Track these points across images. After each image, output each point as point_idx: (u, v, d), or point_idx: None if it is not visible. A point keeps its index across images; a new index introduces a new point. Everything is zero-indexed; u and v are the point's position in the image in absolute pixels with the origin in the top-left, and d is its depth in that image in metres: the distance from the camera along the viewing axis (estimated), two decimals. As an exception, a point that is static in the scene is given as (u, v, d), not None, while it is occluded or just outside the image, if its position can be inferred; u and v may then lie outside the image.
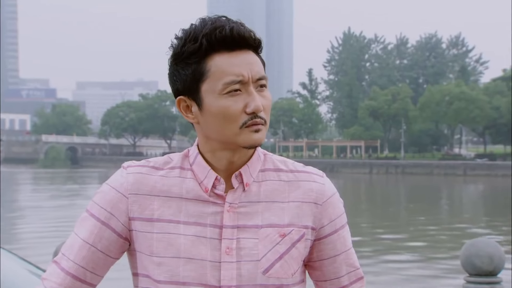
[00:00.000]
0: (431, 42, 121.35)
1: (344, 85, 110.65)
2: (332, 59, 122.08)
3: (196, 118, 1.51)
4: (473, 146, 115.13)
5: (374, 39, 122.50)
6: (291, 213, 1.53)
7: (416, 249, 19.75)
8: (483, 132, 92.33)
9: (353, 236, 1.73)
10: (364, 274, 1.64)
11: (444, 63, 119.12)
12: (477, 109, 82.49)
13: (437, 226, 26.40)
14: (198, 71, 1.47)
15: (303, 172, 1.59)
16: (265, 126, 1.49)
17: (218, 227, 1.50)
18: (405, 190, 56.18)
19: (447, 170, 76.20)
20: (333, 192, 1.59)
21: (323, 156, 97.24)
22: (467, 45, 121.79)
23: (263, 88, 1.49)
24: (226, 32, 1.44)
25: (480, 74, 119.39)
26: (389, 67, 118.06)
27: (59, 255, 1.55)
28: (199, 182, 1.52)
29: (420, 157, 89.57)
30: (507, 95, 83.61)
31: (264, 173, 1.56)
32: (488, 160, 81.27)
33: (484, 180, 66.64)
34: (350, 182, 64.96)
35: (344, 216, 1.61)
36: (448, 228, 25.81)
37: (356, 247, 1.73)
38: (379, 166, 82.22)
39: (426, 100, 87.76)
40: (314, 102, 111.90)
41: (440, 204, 41.66)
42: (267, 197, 1.53)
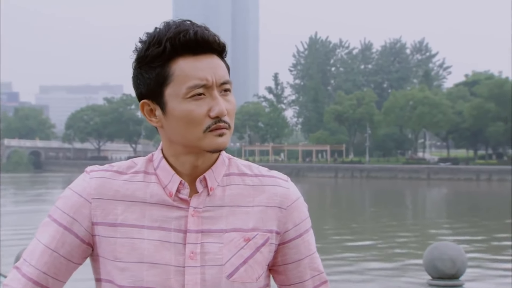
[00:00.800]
0: (395, 47, 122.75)
1: (309, 89, 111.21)
2: (298, 63, 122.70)
3: (159, 122, 1.50)
4: (437, 150, 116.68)
5: (339, 44, 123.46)
6: (255, 218, 1.53)
7: (380, 252, 19.90)
8: (446, 136, 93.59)
9: (318, 240, 1.75)
10: (329, 278, 1.63)
11: (408, 68, 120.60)
12: (440, 113, 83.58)
13: (401, 229, 26.65)
14: (162, 75, 1.46)
15: (268, 176, 1.59)
16: (229, 130, 1.48)
17: (182, 231, 1.49)
18: (370, 194, 56.60)
19: (411, 174, 76.99)
20: (298, 197, 1.59)
21: (289, 160, 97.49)
22: (431, 50, 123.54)
23: (227, 93, 1.49)
24: (190, 36, 1.44)
25: (443, 79, 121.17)
26: (354, 71, 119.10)
27: (21, 261, 1.52)
28: (163, 187, 1.51)
29: (385, 161, 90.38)
30: (469, 100, 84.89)
31: (228, 177, 1.55)
32: (451, 164, 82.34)
33: (447, 184, 67.50)
34: (316, 186, 65.22)
35: (309, 220, 1.61)
36: (412, 231, 26.08)
37: (321, 251, 1.73)
38: (345, 170, 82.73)
39: (390, 104, 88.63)
40: (280, 106, 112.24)
41: (404, 207, 42.06)
42: (231, 202, 1.53)
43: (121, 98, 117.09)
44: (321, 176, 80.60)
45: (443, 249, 5.35)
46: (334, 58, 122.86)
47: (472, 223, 29.59)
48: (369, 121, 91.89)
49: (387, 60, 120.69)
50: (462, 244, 20.69)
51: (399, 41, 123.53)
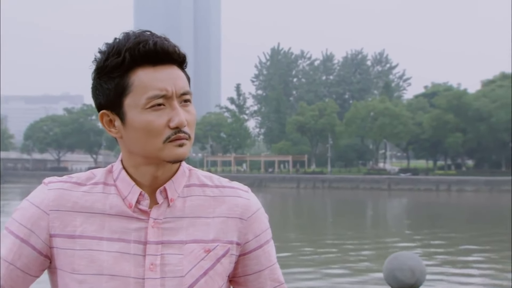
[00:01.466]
0: (356, 58, 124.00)
1: (272, 100, 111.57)
2: (260, 74, 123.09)
3: (119, 133, 1.49)
4: (397, 161, 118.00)
5: (301, 55, 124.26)
6: (216, 229, 1.52)
7: (341, 263, 19.96)
8: (406, 147, 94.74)
9: (280, 251, 1.75)
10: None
11: (369, 79, 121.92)
12: (400, 124, 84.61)
13: (362, 239, 26.80)
14: (121, 85, 1.45)
15: (229, 187, 1.58)
16: (190, 141, 1.48)
17: (142, 243, 1.48)
18: (331, 205, 56.89)
19: (372, 185, 77.64)
20: (258, 207, 1.60)
21: (251, 171, 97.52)
22: (391, 62, 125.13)
23: (187, 103, 1.48)
24: (149, 46, 1.44)
25: (403, 90, 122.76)
26: (316, 82, 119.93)
27: None
28: (123, 198, 1.51)
29: (346, 172, 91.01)
30: (428, 111, 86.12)
31: (189, 188, 1.55)
32: (411, 174, 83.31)
33: (407, 194, 68.21)
34: (278, 197, 65.31)
35: (269, 231, 1.61)
36: (373, 242, 26.24)
37: (282, 262, 1.71)
38: (307, 180, 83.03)
39: (351, 115, 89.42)
40: (242, 117, 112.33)
41: (365, 218, 42.36)
42: (192, 213, 1.52)
43: (81, 109, 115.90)
44: (283, 187, 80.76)
45: (403, 259, 5.37)
46: (296, 69, 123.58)
47: (431, 233, 29.92)
48: (331, 131, 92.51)
49: (348, 71, 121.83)
50: (421, 254, 20.89)
51: (360, 53, 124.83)
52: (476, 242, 25.90)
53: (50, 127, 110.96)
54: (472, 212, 45.57)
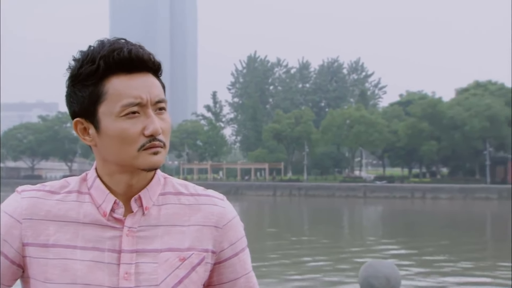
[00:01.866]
0: (332, 66, 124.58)
1: (248, 108, 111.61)
2: (237, 82, 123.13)
3: (93, 141, 1.49)
4: (373, 168, 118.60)
5: (278, 63, 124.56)
6: (191, 237, 1.52)
7: (317, 270, 19.93)
8: (382, 155, 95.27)
9: (256, 259, 1.75)
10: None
11: (345, 88, 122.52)
12: (376, 132, 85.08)
13: (338, 247, 26.82)
14: (95, 93, 1.45)
15: (204, 195, 1.58)
16: (164, 149, 1.47)
17: (116, 251, 1.47)
18: (308, 212, 56.93)
19: (348, 192, 77.87)
20: (234, 216, 1.59)
21: (227, 178, 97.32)
22: (367, 70, 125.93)
23: (162, 111, 1.48)
24: (124, 54, 1.43)
25: (379, 98, 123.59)
26: (292, 90, 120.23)
27: None
28: (97, 206, 1.50)
29: (322, 180, 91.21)
30: (404, 119, 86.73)
31: (164, 196, 1.54)
32: (387, 182, 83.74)
33: (383, 202, 68.52)
34: (255, 205, 65.23)
35: (244, 239, 1.61)
36: (349, 249, 26.27)
37: (258, 270, 1.67)
38: (283, 188, 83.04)
39: (327, 123, 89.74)
40: (219, 124, 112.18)
41: (341, 225, 42.43)
42: (167, 221, 1.52)
43: (56, 116, 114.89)
44: (260, 194, 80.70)
45: (378, 267, 5.33)
46: (272, 77, 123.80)
47: (407, 241, 30.04)
48: (307, 139, 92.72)
49: (324, 79, 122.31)
50: (396, 261, 20.94)
51: (336, 61, 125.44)
52: (451, 249, 26.05)
53: (24, 135, 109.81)
54: (447, 220, 45.88)
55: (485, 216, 52.15)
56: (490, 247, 29.94)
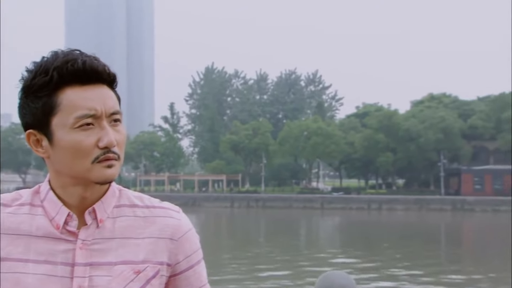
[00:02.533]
0: (290, 78, 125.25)
1: (206, 119, 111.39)
2: (194, 93, 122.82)
3: (46, 153, 1.46)
4: (330, 180, 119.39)
5: (235, 74, 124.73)
6: (146, 250, 1.50)
7: (274, 282, 19.87)
8: (339, 166, 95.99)
9: (212, 271, 1.75)
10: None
11: (303, 99, 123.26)
12: (333, 144, 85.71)
13: (295, 258, 26.82)
14: (49, 104, 1.42)
15: (159, 207, 1.57)
16: (119, 161, 1.46)
17: (69, 265, 1.45)
18: (265, 224, 56.89)
19: (305, 203, 78.13)
20: (189, 228, 1.58)
21: (185, 190, 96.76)
22: (324, 82, 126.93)
23: (117, 123, 1.46)
24: (78, 65, 1.42)
25: (335, 110, 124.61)
26: (250, 102, 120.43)
27: None
28: (50, 219, 1.47)
29: (280, 191, 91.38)
30: (360, 131, 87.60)
31: (119, 209, 1.53)
32: (343, 193, 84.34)
33: (340, 213, 68.92)
34: (212, 217, 64.95)
35: (200, 251, 1.60)
36: (306, 261, 26.29)
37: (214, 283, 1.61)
38: (241, 199, 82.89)
39: (285, 135, 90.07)
40: (176, 136, 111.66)
41: (298, 237, 42.49)
42: (121, 234, 1.50)
43: (9, 127, 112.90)
44: (217, 206, 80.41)
45: (333, 278, 5.28)
46: (230, 89, 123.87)
47: (363, 252, 30.21)
48: (265, 151, 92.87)
49: (282, 91, 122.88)
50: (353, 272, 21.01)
51: (294, 73, 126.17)
52: (406, 260, 26.28)
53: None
54: (402, 231, 46.34)
55: (439, 227, 52.87)
56: (444, 256, 30.31)
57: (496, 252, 31.82)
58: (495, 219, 62.02)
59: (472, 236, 46.05)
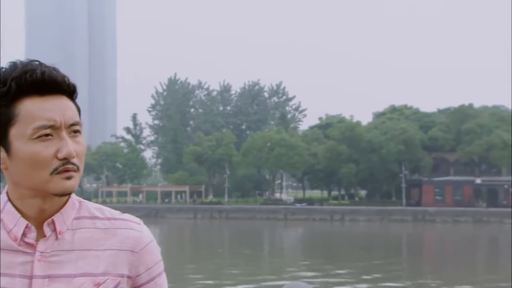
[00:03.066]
0: (254, 89, 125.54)
1: (169, 130, 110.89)
2: (157, 104, 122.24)
3: (4, 164, 1.44)
4: (293, 191, 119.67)
5: (199, 85, 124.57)
6: (106, 262, 1.49)
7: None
8: (302, 177, 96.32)
9: (173, 284, 1.74)
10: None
11: (266, 111, 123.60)
12: (296, 155, 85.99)
13: (259, 270, 26.77)
14: (6, 115, 1.41)
15: (120, 219, 1.56)
16: (78, 173, 1.44)
17: (27, 277, 1.42)
18: (228, 235, 56.74)
19: (268, 215, 78.16)
20: (150, 240, 1.57)
21: (147, 201, 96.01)
22: (287, 94, 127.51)
23: (76, 134, 1.45)
24: (37, 76, 1.41)
25: (299, 121, 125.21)
26: (213, 113, 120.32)
27: None
28: (8, 231, 1.45)
29: (243, 202, 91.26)
30: (323, 142, 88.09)
31: (79, 221, 1.51)
32: (307, 204, 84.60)
33: (303, 224, 69.11)
34: (175, 228, 64.56)
35: (161, 263, 1.59)
36: (269, 271, 26.26)
37: None
38: (204, 211, 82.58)
39: (248, 146, 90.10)
40: (139, 147, 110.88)
41: (262, 248, 42.45)
42: (81, 245, 1.48)
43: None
44: (180, 217, 79.97)
45: (296, 290, 5.30)
46: (193, 100, 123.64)
47: (326, 263, 30.30)
48: (228, 162, 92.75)
49: (245, 102, 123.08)
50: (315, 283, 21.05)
51: (257, 84, 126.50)
52: (369, 271, 26.42)
53: None
54: (364, 242, 46.63)
55: (401, 237, 53.36)
56: (406, 267, 30.57)
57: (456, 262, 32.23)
58: (455, 230, 62.89)
59: (433, 247, 46.58)
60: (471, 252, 40.89)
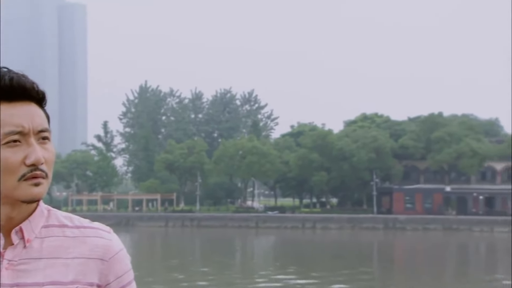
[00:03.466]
0: (225, 97, 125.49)
1: (140, 138, 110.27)
2: (128, 111, 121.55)
3: None
4: (265, 199, 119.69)
5: (170, 93, 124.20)
6: (75, 270, 1.48)
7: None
8: (273, 185, 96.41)
9: None
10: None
11: (238, 119, 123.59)
12: (268, 163, 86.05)
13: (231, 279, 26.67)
14: None
15: (90, 228, 1.55)
16: (47, 179, 1.43)
17: None
18: (200, 243, 56.51)
19: (240, 223, 78.07)
20: (120, 248, 1.56)
21: (118, 209, 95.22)
22: (259, 102, 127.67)
23: (45, 141, 1.44)
24: (5, 82, 1.41)
25: (271, 129, 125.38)
26: (185, 121, 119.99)
27: None
28: None
29: (215, 210, 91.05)
30: (295, 150, 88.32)
31: (47, 229, 1.50)
32: (278, 212, 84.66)
33: (275, 232, 69.13)
34: (146, 236, 64.11)
35: (131, 272, 1.59)
36: (241, 279, 26.18)
37: None
38: (175, 219, 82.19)
39: (220, 153, 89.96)
40: (110, 154, 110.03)
41: (233, 256, 42.32)
42: (50, 254, 1.47)
43: None
44: (152, 226, 79.49)
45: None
46: (165, 107, 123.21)
47: (297, 271, 30.30)
48: (200, 170, 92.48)
49: (217, 110, 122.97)
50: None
51: (229, 92, 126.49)
52: (340, 279, 26.47)
53: None
54: (336, 249, 46.75)
55: (372, 245, 53.63)
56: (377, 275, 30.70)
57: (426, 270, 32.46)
58: (426, 238, 63.40)
59: (404, 255, 46.88)
60: (441, 260, 41.22)
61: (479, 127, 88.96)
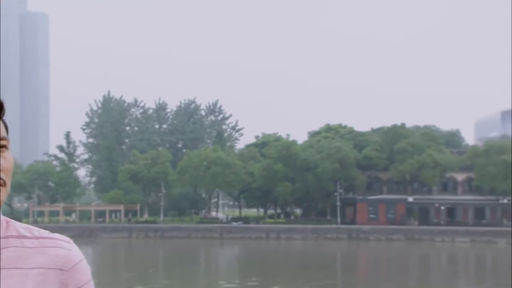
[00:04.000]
0: (190, 108, 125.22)
1: (103, 148, 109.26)
2: (92, 122, 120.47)
3: None
4: (230, 209, 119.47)
5: (134, 103, 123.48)
6: (35, 280, 1.48)
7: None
8: (238, 196, 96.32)
9: None
10: None
11: (203, 129, 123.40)
12: (232, 173, 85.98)
13: None
14: None
15: (49, 238, 1.55)
16: (5, 188, 1.45)
17: None
18: (164, 254, 56.12)
19: (204, 233, 77.81)
20: (80, 258, 1.57)
21: (81, 220, 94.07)
22: (224, 112, 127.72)
23: (3, 149, 1.46)
24: None
25: (235, 140, 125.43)
26: (149, 131, 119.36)
27: None
28: None
29: (179, 221, 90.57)
30: (259, 160, 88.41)
31: (6, 240, 1.50)
32: (243, 223, 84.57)
33: (239, 243, 69.03)
34: (109, 247, 63.44)
35: (92, 283, 1.59)
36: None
37: None
38: (139, 230, 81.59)
39: (185, 164, 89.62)
40: (72, 165, 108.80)
41: (197, 267, 42.13)
42: (9, 264, 1.47)
43: None
44: (115, 237, 78.72)
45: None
46: (129, 117, 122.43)
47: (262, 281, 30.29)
48: (164, 180, 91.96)
49: (182, 121, 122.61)
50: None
51: (194, 102, 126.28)
52: None
53: None
54: (300, 260, 46.86)
55: (336, 255, 53.89)
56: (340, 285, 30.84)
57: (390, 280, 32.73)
58: (389, 248, 63.96)
59: (367, 265, 47.20)
60: (404, 270, 41.63)
61: (440, 138, 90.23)
